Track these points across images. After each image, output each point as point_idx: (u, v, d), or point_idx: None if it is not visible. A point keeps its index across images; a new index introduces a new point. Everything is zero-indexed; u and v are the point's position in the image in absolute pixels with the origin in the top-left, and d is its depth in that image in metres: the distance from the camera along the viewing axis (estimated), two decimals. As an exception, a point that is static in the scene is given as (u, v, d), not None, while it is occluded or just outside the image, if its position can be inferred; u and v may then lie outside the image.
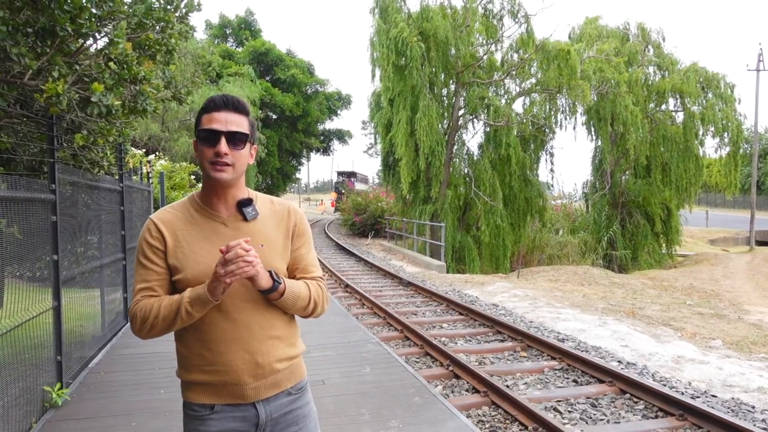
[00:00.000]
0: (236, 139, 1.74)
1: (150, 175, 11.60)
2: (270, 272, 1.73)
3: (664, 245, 23.40)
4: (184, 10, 6.31)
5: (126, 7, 5.38)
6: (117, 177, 7.40)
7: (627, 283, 14.21)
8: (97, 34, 5.15)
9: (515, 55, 21.07)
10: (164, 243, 1.77)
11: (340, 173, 57.50)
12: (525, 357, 7.10)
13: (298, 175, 55.01)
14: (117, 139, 6.50)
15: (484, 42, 21.11)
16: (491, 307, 10.35)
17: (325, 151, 49.92)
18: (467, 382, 5.99)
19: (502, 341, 7.81)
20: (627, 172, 23.58)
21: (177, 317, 1.69)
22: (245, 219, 1.82)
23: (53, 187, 4.71)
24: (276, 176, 41.49)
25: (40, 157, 5.30)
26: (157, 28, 5.76)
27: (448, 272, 17.56)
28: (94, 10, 4.97)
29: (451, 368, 6.38)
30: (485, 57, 20.89)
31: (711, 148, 33.63)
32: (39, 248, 4.69)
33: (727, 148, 23.00)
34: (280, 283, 1.74)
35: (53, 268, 4.77)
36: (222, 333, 1.75)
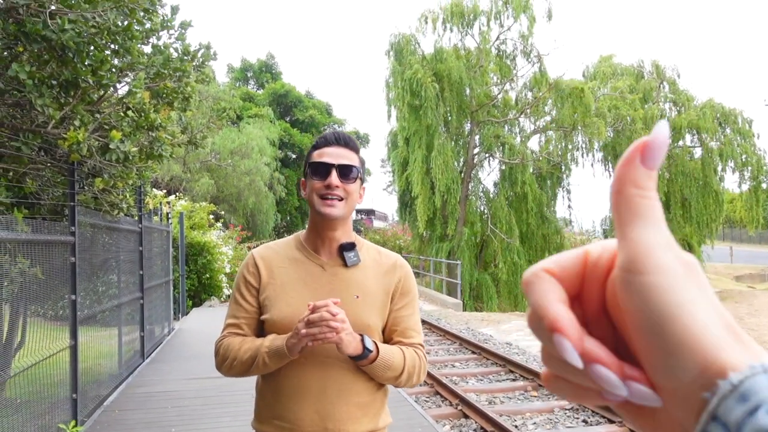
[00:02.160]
0: (348, 173, 1.66)
1: (170, 216, 11.88)
2: (362, 337, 1.57)
3: (686, 282, 23.10)
4: (201, 60, 6.55)
5: (145, 58, 5.65)
6: (136, 218, 7.64)
7: (645, 321, 14.02)
8: (117, 84, 5.44)
9: (529, 94, 21.36)
10: (259, 279, 1.69)
11: (358, 211, 57.37)
12: (536, 396, 7.08)
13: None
14: (136, 182, 6.76)
15: (498, 81, 21.46)
16: (504, 345, 10.32)
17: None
18: (475, 422, 5.99)
19: (513, 380, 7.79)
20: (646, 208, 23.53)
21: (254, 365, 1.60)
22: (345, 264, 1.70)
23: (73, 229, 4.91)
24: (295, 215, 41.90)
25: (62, 201, 5.54)
26: (175, 77, 6.01)
27: (464, 310, 17.50)
28: (115, 62, 5.27)
29: (460, 407, 6.39)
30: (499, 96, 21.21)
31: (733, 183, 33.47)
32: (60, 288, 4.88)
33: (748, 183, 22.91)
34: (370, 352, 1.57)
35: (71, 307, 4.94)
36: (296, 387, 1.62)
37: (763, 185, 23.62)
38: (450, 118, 21.10)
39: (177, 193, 20.14)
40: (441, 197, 19.71)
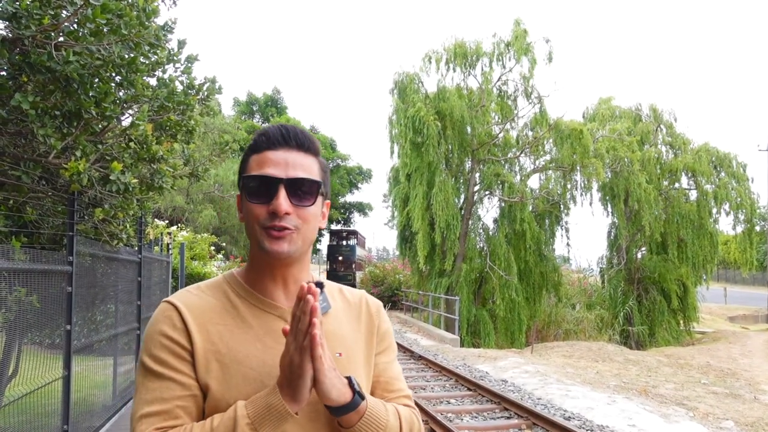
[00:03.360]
0: (303, 191, 1.16)
1: (170, 246, 11.95)
2: (349, 379, 1.12)
3: (681, 322, 23.09)
4: (206, 93, 6.66)
5: (149, 91, 5.77)
6: (136, 248, 7.70)
7: (642, 361, 13.97)
8: (120, 116, 5.56)
9: (530, 133, 21.61)
10: (190, 341, 1.12)
11: (333, 233, 41.94)
12: (529, 435, 7.03)
13: (318, 246, 55.43)
14: (137, 212, 6.85)
15: (499, 120, 21.74)
16: (500, 382, 10.26)
17: (346, 222, 50.63)
18: (467, 460, 5.96)
19: (508, 418, 7.75)
20: (643, 249, 23.62)
21: None
22: None
23: (70, 259, 4.96)
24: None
25: (62, 231, 5.62)
26: (179, 110, 6.11)
27: (462, 346, 17.42)
28: (120, 94, 5.39)
29: (452, 445, 6.36)
30: (500, 135, 21.47)
31: (727, 225, 33.70)
32: (56, 317, 4.90)
33: (742, 226, 23.12)
34: (362, 398, 1.12)
35: (66, 338, 4.93)
36: None
37: (757, 228, 23.95)
38: (451, 155, 21.37)
39: (179, 224, 20.27)
40: (441, 233, 19.79)
